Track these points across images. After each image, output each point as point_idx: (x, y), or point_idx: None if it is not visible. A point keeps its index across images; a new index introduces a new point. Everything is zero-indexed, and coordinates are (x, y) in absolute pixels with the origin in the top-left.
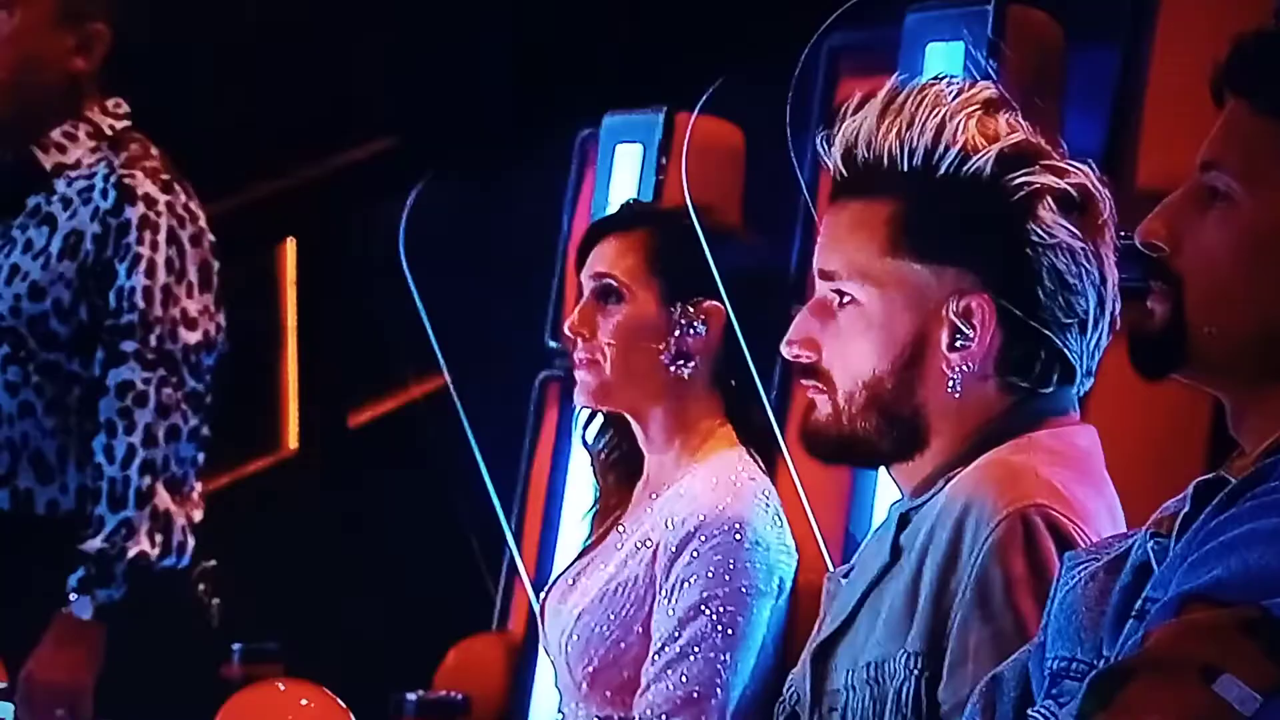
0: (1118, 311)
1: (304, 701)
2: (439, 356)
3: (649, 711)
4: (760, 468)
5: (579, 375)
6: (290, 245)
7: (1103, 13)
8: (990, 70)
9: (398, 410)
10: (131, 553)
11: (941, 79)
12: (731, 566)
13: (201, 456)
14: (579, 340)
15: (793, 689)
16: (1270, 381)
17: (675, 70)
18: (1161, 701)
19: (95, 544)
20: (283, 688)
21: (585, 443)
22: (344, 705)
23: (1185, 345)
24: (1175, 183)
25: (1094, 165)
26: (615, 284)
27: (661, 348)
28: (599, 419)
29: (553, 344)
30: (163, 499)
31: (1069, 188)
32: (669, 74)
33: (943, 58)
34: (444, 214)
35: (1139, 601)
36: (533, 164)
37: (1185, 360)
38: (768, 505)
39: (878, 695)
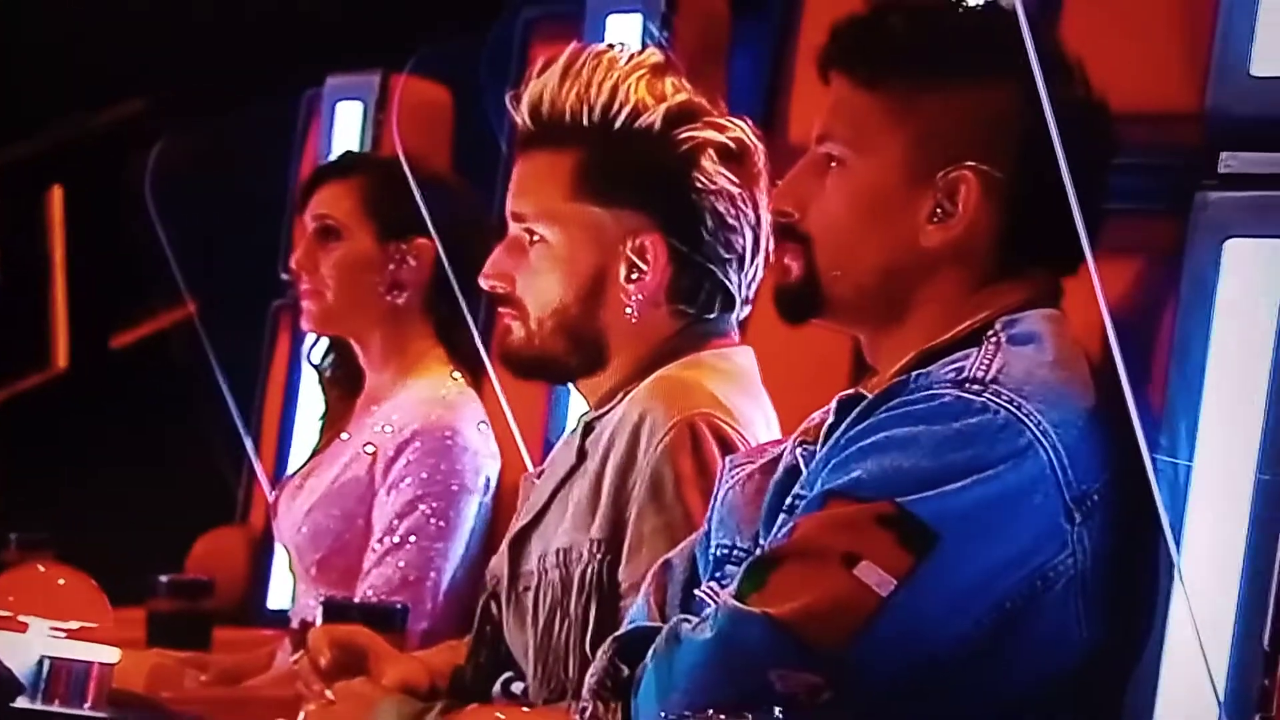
0: (771, 248)
1: (60, 581)
2: (181, 286)
3: (370, 592)
4: (468, 382)
5: (304, 305)
6: (58, 191)
7: None
8: (662, 39)
9: (154, 333)
10: None
11: (615, 46)
12: (443, 468)
13: None
14: (303, 274)
15: (493, 573)
16: (896, 319)
17: (392, 37)
18: (809, 584)
19: None
20: (43, 569)
21: (312, 363)
22: (96, 585)
23: (820, 293)
24: None
25: (750, 121)
26: (334, 224)
27: (378, 280)
28: (324, 342)
29: (285, 276)
30: None
31: (728, 141)
32: (386, 41)
33: (622, 28)
34: (191, 163)
35: (789, 498)
36: (267, 119)
37: (822, 306)
38: (475, 415)
39: (565, 577)
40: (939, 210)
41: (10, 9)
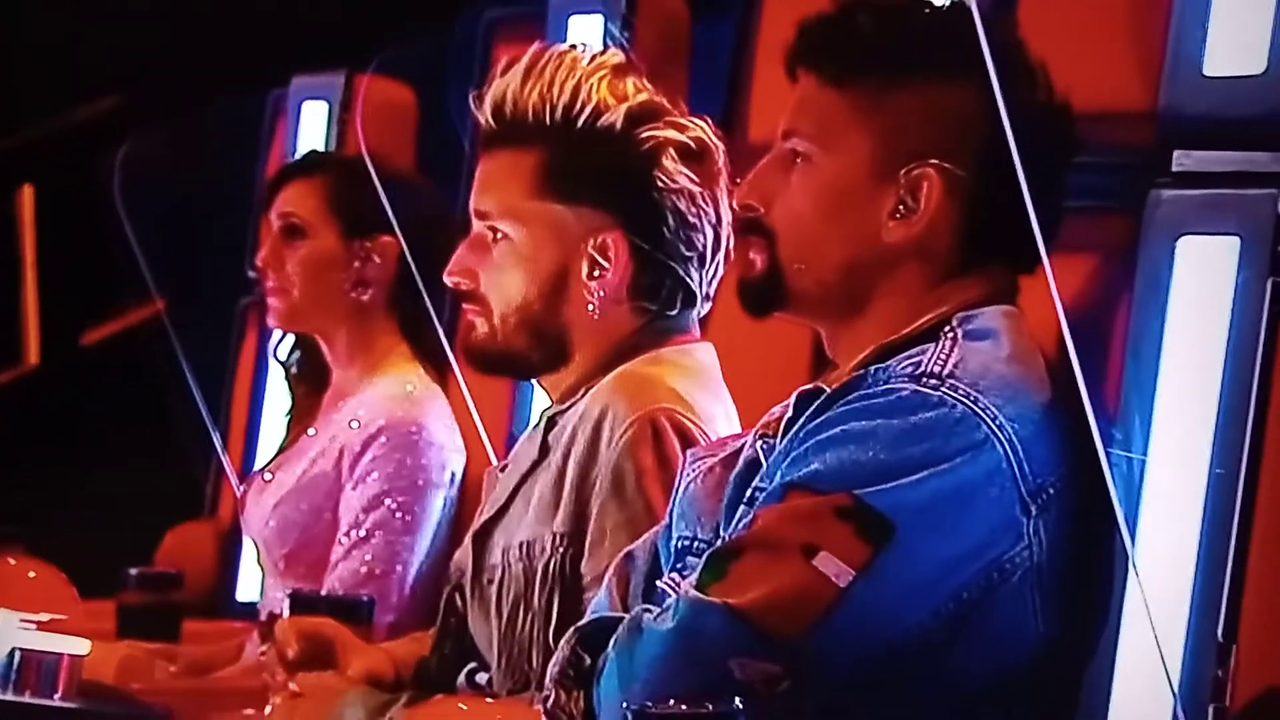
0: (731, 246)
1: (30, 573)
2: (150, 283)
3: (337, 584)
4: (433, 378)
5: (270, 302)
6: (28, 190)
7: None
8: (623, 40)
9: (125, 330)
10: None
11: (577, 46)
12: (409, 463)
13: None
14: (269, 272)
15: (457, 566)
16: (856, 313)
17: (358, 37)
18: (768, 574)
19: None
20: (13, 562)
21: (278, 359)
22: (65, 577)
23: (783, 286)
24: None
25: (711, 121)
26: (299, 222)
27: (343, 277)
28: (290, 339)
29: (252, 274)
30: None
31: (689, 140)
32: (352, 41)
33: (584, 29)
34: (159, 162)
35: (749, 491)
36: (234, 119)
37: (785, 300)
38: (440, 410)
39: (528, 569)
40: (901, 207)
41: None
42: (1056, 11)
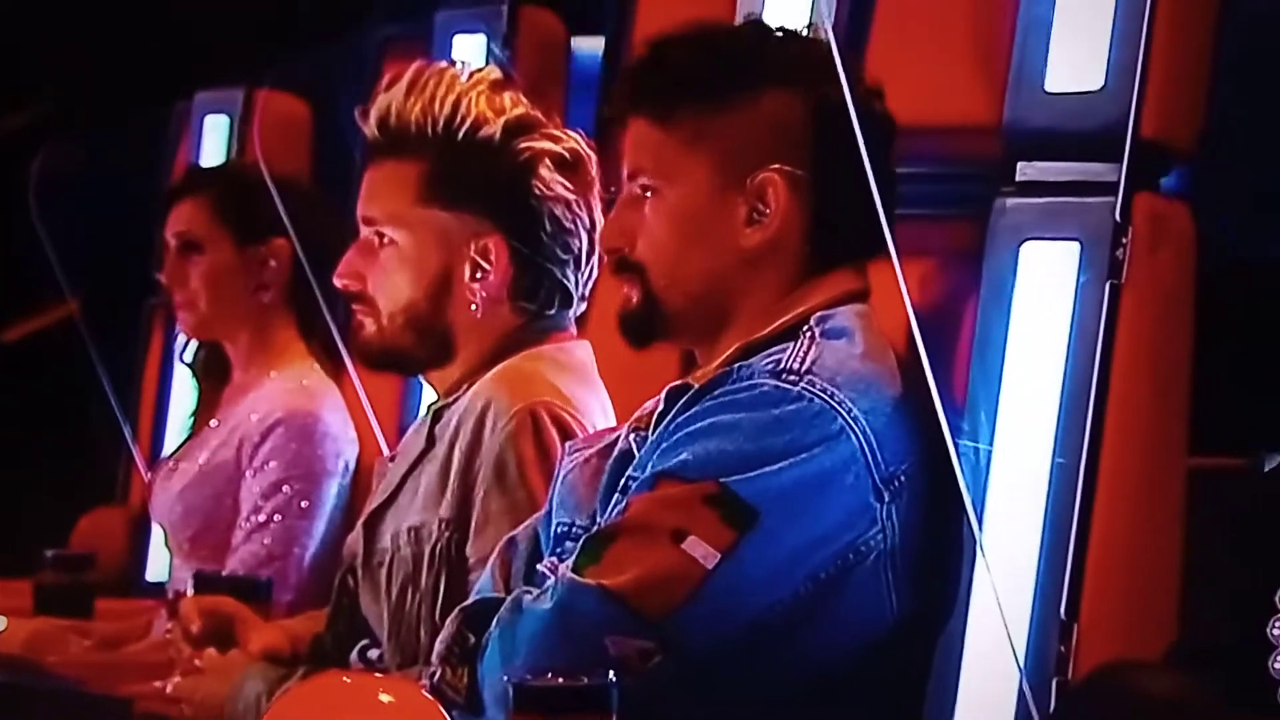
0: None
1: None
2: (63, 285)
3: (239, 566)
4: (328, 373)
5: (180, 315)
6: None
7: (595, 10)
8: (504, 57)
9: (42, 328)
10: None
11: (457, 63)
12: (306, 452)
13: None
14: (174, 288)
15: (349, 549)
16: (725, 326)
17: (257, 55)
18: (640, 557)
19: None
20: None
21: (184, 361)
22: None
23: (660, 313)
24: None
25: (584, 133)
26: (193, 239)
27: (244, 284)
28: (194, 341)
29: (159, 277)
30: None
31: (563, 151)
32: (251, 58)
33: (467, 47)
34: (73, 170)
35: (623, 480)
36: (144, 129)
37: (663, 328)
38: (335, 403)
39: (416, 553)
40: (754, 213)
41: None
42: (907, 32)
